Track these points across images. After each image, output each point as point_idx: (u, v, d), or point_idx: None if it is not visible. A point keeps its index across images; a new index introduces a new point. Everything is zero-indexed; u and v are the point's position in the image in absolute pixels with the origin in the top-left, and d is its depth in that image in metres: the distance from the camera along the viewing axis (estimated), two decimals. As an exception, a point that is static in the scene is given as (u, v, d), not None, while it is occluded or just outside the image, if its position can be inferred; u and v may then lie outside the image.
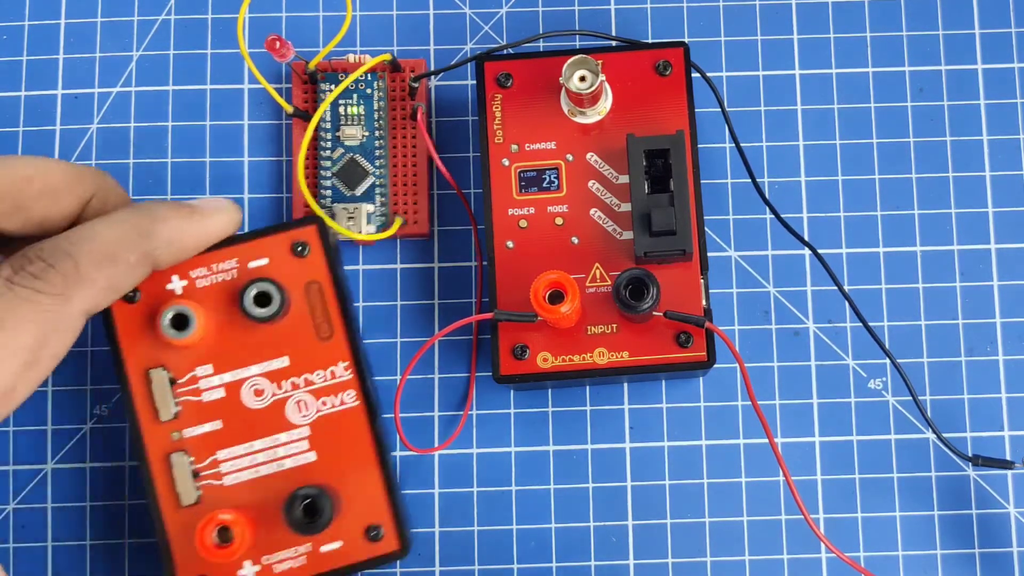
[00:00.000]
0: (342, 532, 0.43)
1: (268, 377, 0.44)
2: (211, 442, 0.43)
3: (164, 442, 0.43)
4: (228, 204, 0.43)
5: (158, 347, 0.43)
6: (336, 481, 0.43)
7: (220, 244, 0.44)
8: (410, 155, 0.49)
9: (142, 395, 0.43)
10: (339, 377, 0.44)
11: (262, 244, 0.44)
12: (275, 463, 0.43)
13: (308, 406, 0.44)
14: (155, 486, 0.43)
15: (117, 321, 0.44)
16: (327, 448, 0.43)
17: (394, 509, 0.43)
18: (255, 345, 0.44)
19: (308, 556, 0.43)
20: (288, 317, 0.44)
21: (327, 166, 0.49)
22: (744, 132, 0.50)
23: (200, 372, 0.43)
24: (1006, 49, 0.51)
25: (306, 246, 0.44)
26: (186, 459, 0.43)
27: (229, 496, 0.43)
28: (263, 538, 0.43)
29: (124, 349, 0.43)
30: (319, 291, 0.44)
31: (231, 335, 0.44)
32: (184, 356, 0.43)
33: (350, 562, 0.43)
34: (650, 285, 0.43)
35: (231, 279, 0.44)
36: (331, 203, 0.48)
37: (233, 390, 0.44)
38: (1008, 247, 0.49)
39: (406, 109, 0.49)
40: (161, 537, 0.43)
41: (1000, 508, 0.48)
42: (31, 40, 0.51)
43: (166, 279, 0.44)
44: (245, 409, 0.44)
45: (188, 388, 0.43)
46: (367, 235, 0.48)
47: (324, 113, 0.49)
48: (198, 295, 0.44)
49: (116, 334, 0.43)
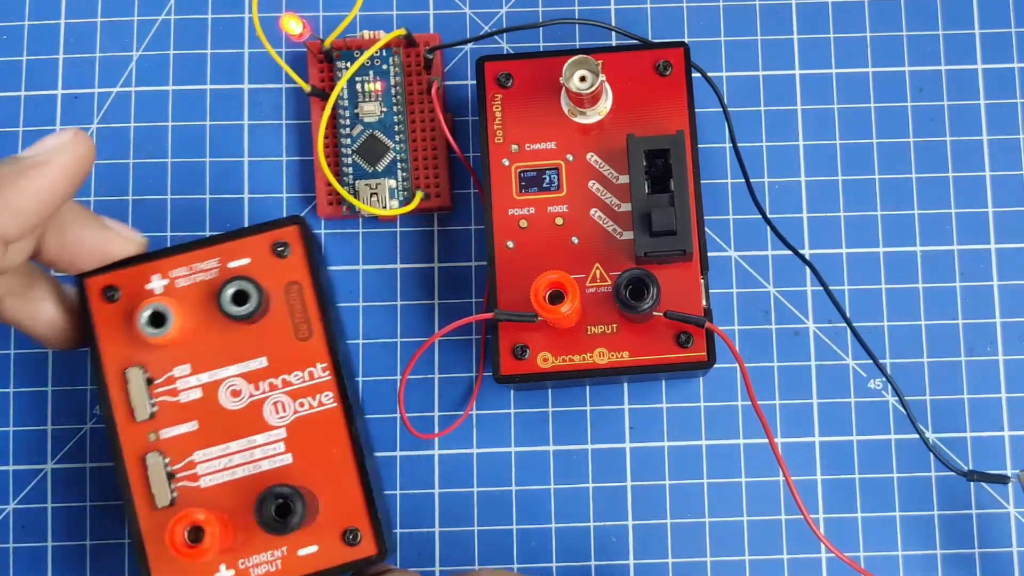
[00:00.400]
0: (318, 536, 0.42)
1: (246, 378, 0.43)
2: (187, 443, 0.43)
3: (140, 442, 0.43)
4: (66, 137, 0.39)
5: (136, 346, 0.43)
6: (313, 483, 0.43)
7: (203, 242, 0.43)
8: (428, 129, 0.49)
9: (119, 394, 0.43)
10: (317, 378, 0.43)
11: (244, 244, 0.44)
12: (251, 465, 0.43)
13: (285, 407, 0.43)
14: (130, 487, 0.43)
15: (96, 319, 0.43)
16: (304, 450, 0.43)
17: (371, 512, 0.43)
18: (233, 345, 0.43)
19: (284, 560, 0.42)
20: (267, 317, 0.43)
21: (347, 143, 0.49)
22: (744, 132, 0.50)
23: (177, 372, 0.43)
24: (1006, 49, 0.51)
25: (287, 246, 0.44)
26: (161, 460, 0.43)
27: (205, 498, 0.43)
28: (239, 541, 0.42)
29: (102, 348, 0.43)
30: (299, 292, 0.44)
31: (210, 335, 0.43)
32: (162, 356, 0.43)
33: (327, 566, 0.42)
34: (650, 285, 0.43)
35: (211, 278, 0.43)
36: (353, 180, 0.49)
37: (210, 390, 0.43)
38: (1008, 247, 0.49)
39: (422, 84, 0.50)
40: (136, 538, 0.43)
41: (1000, 508, 0.48)
42: (31, 40, 0.51)
43: (146, 278, 0.43)
44: (222, 410, 0.43)
45: (165, 388, 0.43)
46: (391, 211, 0.48)
47: (342, 91, 0.49)
48: (178, 294, 0.43)
49: (94, 332, 0.43)
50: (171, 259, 0.43)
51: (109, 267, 0.43)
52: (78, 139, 0.39)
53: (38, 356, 0.49)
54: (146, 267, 0.43)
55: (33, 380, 0.49)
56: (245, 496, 0.42)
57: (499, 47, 0.51)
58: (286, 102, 0.51)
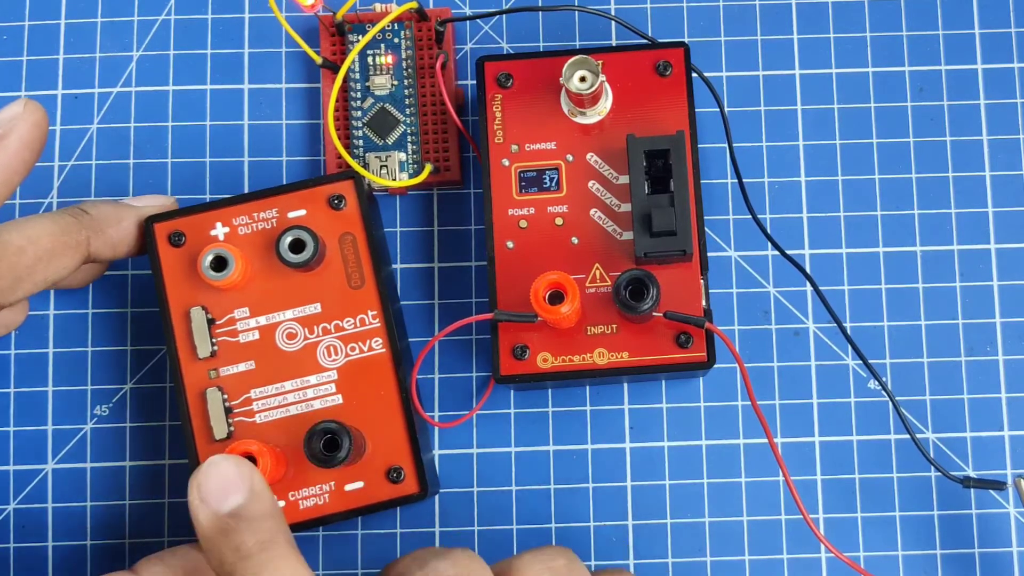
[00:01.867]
0: (364, 473, 0.45)
1: (301, 322, 0.45)
2: (245, 381, 0.45)
3: (201, 378, 0.45)
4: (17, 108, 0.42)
5: (199, 289, 0.45)
6: (361, 424, 0.45)
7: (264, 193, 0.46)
8: (439, 103, 0.50)
9: (182, 333, 0.45)
10: (368, 325, 0.45)
11: (302, 196, 0.46)
12: (304, 404, 0.45)
13: (337, 351, 0.45)
14: (190, 419, 0.45)
15: (162, 262, 0.45)
16: (353, 392, 0.45)
17: (415, 453, 0.45)
18: (290, 291, 0.45)
19: (331, 494, 0.45)
20: (322, 266, 0.45)
21: (358, 116, 0.49)
22: (744, 132, 0.50)
23: (238, 315, 0.45)
24: (1006, 49, 0.51)
25: (343, 199, 0.46)
26: (220, 395, 0.45)
27: (259, 433, 0.45)
28: (290, 475, 0.44)
29: (168, 289, 0.45)
30: (352, 242, 0.46)
31: (268, 280, 0.45)
32: (223, 298, 0.45)
33: (372, 501, 0.45)
34: (650, 285, 0.43)
35: (270, 228, 0.46)
36: (363, 152, 0.49)
37: (267, 333, 0.45)
38: (1008, 247, 0.49)
39: (434, 58, 0.50)
40: (193, 466, 0.44)
41: (1000, 508, 0.48)
42: (31, 40, 0.51)
43: (210, 225, 0.45)
44: (278, 351, 0.45)
45: (226, 329, 0.45)
46: (400, 182, 0.48)
47: (353, 64, 0.49)
48: (239, 241, 0.46)
49: (161, 274, 0.45)
50: (234, 208, 0.46)
51: (175, 213, 0.46)
52: (30, 107, 0.42)
53: (38, 356, 0.49)
54: (210, 215, 0.46)
55: (33, 380, 0.49)
56: (297, 433, 0.44)
57: (500, 47, 0.51)
58: (287, 101, 0.51)
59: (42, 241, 0.43)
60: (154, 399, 0.49)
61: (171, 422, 0.49)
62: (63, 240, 0.43)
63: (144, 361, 0.49)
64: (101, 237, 0.44)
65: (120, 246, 0.45)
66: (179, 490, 0.49)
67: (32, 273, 0.42)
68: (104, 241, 0.45)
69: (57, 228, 0.43)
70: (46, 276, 0.43)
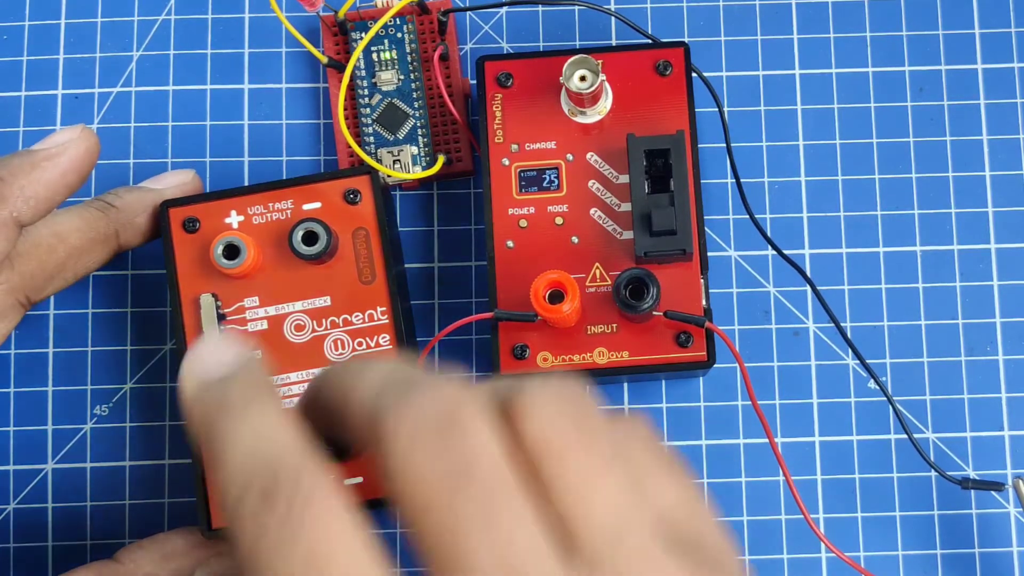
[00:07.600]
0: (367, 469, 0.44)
1: (310, 314, 0.45)
2: None
3: None
4: (75, 132, 0.43)
5: (210, 276, 0.45)
6: None
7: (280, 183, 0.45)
8: (447, 94, 0.50)
9: (192, 319, 0.45)
10: (376, 321, 0.45)
11: (317, 189, 0.46)
12: None
13: (345, 345, 0.45)
14: None
15: (175, 247, 0.45)
16: None
17: None
18: (300, 283, 0.45)
19: None
20: (334, 260, 0.46)
21: (366, 113, 0.49)
22: (744, 132, 0.50)
23: (247, 303, 0.45)
24: (1006, 49, 0.51)
25: (358, 194, 0.46)
26: None
27: None
28: None
29: (179, 274, 0.45)
30: (366, 238, 0.46)
31: (279, 271, 0.46)
32: (234, 286, 0.45)
33: None
34: (650, 285, 0.43)
35: (285, 219, 0.46)
36: (375, 148, 0.49)
37: (276, 323, 0.45)
38: (1008, 247, 0.49)
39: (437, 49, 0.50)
40: (197, 465, 0.45)
41: (1000, 508, 0.48)
42: (31, 40, 0.51)
43: (225, 212, 0.46)
44: (286, 342, 0.45)
45: (235, 317, 0.45)
46: (415, 175, 0.48)
47: (358, 61, 0.49)
48: (253, 230, 0.46)
49: (174, 260, 0.45)
50: (249, 197, 0.46)
51: (191, 199, 0.46)
52: (85, 134, 0.43)
53: (38, 356, 0.49)
54: (226, 203, 0.46)
55: (33, 380, 0.49)
56: None
57: (500, 46, 0.51)
58: (287, 101, 0.51)
59: (71, 239, 0.43)
60: (154, 399, 0.49)
61: (171, 422, 0.49)
62: (91, 237, 0.44)
63: (144, 361, 0.49)
64: (130, 229, 0.45)
65: (149, 233, 0.46)
66: (179, 490, 0.49)
67: (63, 270, 0.43)
68: (133, 232, 0.45)
69: (85, 224, 0.44)
70: (76, 272, 0.44)
